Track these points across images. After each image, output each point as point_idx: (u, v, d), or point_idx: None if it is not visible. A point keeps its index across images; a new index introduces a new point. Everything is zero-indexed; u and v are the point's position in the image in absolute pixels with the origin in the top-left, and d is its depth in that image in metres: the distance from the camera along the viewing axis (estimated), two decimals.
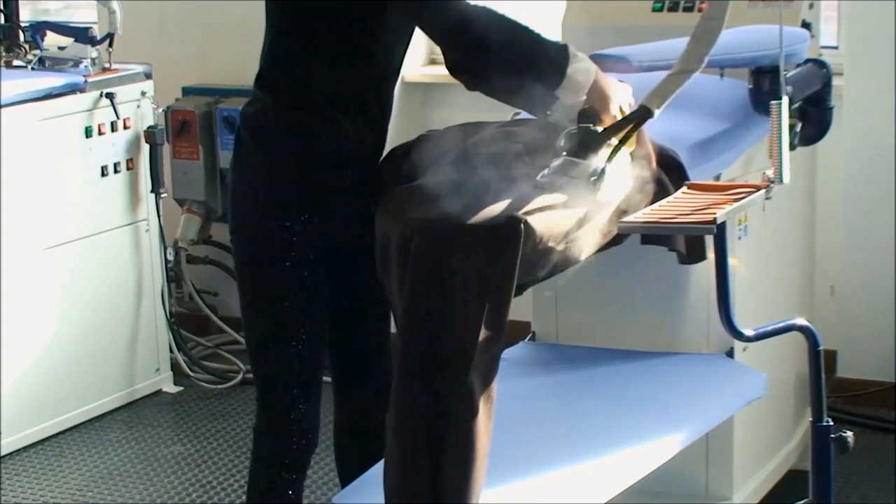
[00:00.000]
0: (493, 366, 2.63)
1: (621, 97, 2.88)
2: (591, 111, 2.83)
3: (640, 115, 2.81)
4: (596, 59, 3.13)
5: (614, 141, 2.80)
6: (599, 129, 2.80)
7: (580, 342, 3.51)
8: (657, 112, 2.81)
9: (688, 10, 4.09)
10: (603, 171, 2.74)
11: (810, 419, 3.03)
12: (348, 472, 3.06)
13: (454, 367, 2.57)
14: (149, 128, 4.96)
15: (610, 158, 2.77)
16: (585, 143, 2.78)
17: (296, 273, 2.90)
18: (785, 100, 2.88)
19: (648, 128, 2.92)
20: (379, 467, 2.69)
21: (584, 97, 2.83)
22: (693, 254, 3.15)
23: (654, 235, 3.05)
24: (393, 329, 2.86)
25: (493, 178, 2.73)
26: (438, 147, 2.94)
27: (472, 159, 2.84)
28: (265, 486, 3.02)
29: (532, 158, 2.86)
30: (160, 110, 5.10)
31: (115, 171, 4.88)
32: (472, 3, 2.76)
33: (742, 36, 3.20)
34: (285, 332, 2.92)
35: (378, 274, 2.72)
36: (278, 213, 2.89)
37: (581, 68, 2.81)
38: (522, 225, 2.57)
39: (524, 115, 3.16)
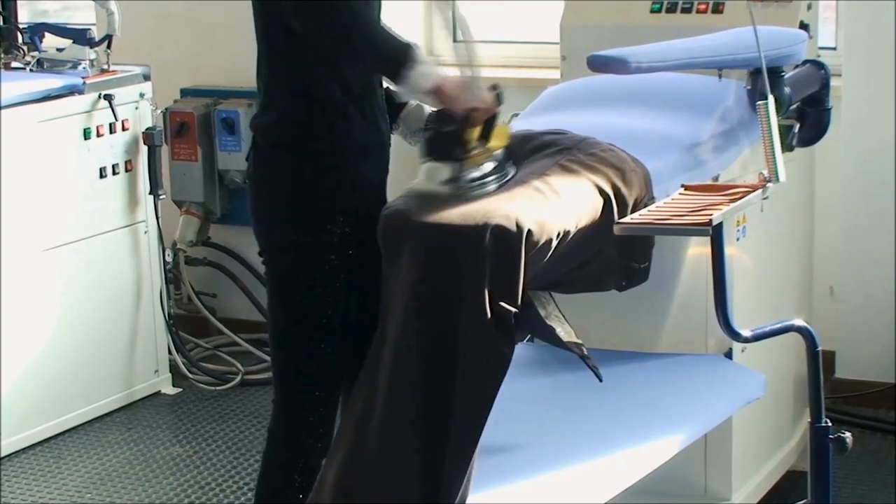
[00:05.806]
0: None
1: (470, 97, 2.77)
2: (442, 113, 2.74)
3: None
4: (594, 60, 3.13)
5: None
6: (450, 128, 2.70)
7: None
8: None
9: (686, 10, 4.08)
10: (459, 170, 2.66)
11: (809, 420, 3.04)
12: None
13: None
14: (147, 129, 4.96)
15: (465, 157, 2.68)
16: (440, 146, 2.71)
17: (326, 279, 2.90)
18: (771, 99, 2.88)
19: (647, 128, 2.92)
20: None
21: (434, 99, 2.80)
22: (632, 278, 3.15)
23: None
24: None
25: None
26: None
27: None
28: (275, 488, 3.00)
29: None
30: (158, 112, 5.10)
31: (114, 173, 4.87)
32: None
33: (739, 37, 3.20)
34: (312, 336, 2.92)
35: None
36: (311, 221, 2.88)
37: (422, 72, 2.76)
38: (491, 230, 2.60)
39: (523, 115, 3.16)
